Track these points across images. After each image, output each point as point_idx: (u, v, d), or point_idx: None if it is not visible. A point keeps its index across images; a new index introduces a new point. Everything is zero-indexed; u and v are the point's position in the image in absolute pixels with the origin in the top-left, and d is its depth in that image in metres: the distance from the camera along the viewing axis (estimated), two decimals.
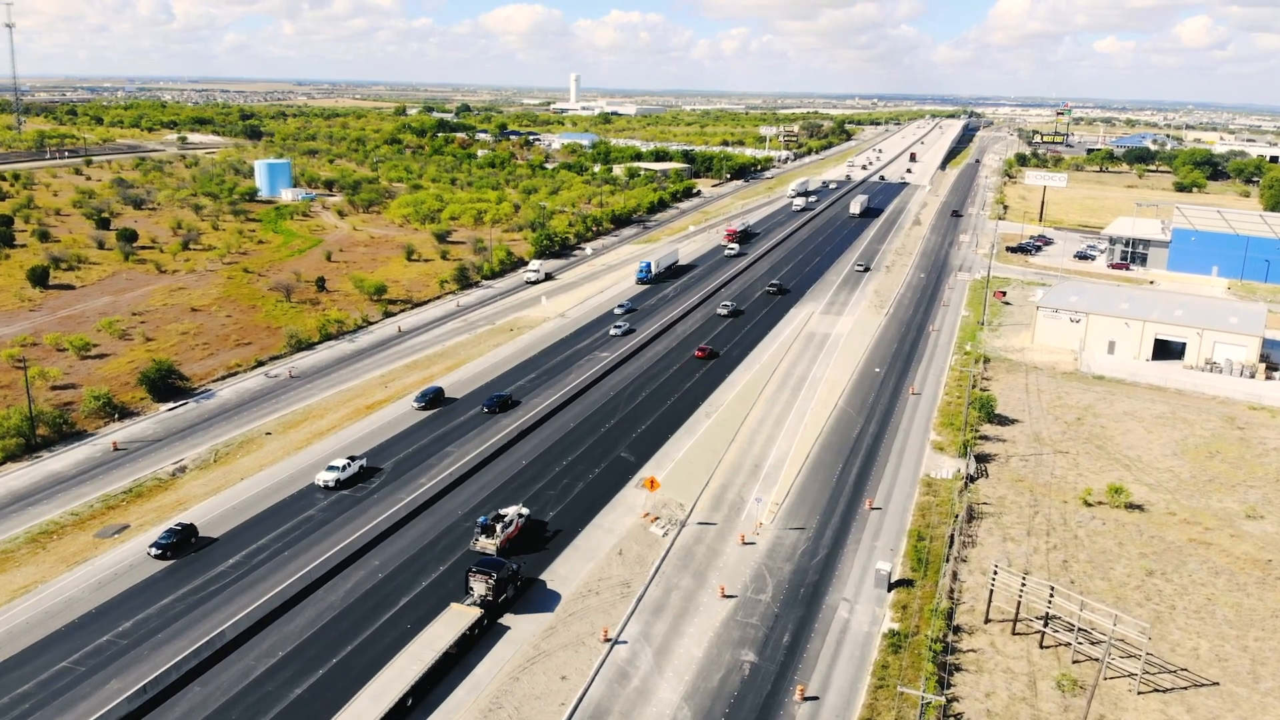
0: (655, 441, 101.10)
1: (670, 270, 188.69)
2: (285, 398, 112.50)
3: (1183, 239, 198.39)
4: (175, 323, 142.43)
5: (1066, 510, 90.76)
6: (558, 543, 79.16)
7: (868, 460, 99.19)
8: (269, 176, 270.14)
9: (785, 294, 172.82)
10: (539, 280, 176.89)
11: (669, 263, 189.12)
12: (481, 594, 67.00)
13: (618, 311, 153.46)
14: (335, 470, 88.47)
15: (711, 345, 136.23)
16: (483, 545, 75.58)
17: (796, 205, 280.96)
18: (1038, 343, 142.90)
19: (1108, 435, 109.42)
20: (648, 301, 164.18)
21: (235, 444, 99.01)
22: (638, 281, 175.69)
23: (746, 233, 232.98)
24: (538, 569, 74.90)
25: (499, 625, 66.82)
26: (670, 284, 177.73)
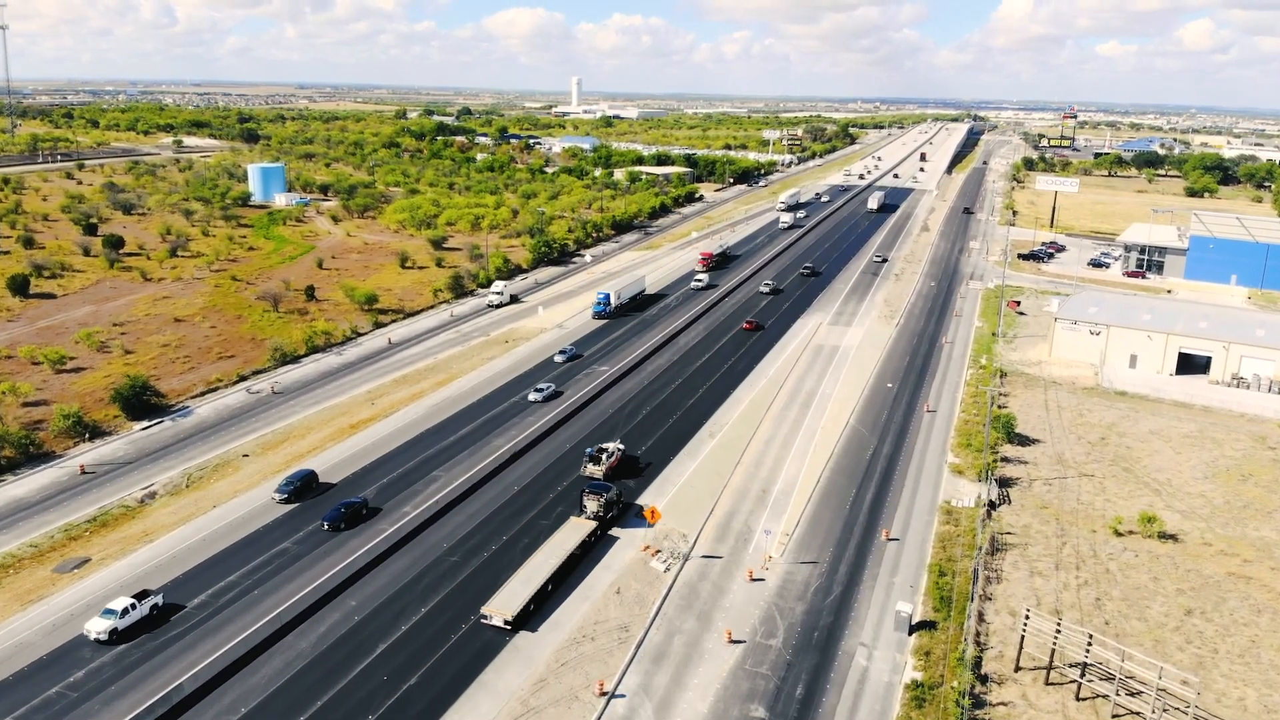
0: (656, 464, 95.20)
1: (636, 301, 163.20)
2: (266, 416, 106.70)
3: (1201, 246, 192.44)
4: (157, 334, 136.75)
5: (1096, 540, 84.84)
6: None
7: (882, 485, 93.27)
8: (263, 181, 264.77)
9: (761, 330, 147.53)
10: (502, 304, 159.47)
11: (634, 292, 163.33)
12: (594, 510, 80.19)
13: (558, 359, 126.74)
14: (111, 616, 65.31)
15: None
16: (591, 471, 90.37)
17: (784, 222, 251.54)
18: (1056, 355, 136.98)
19: (1134, 457, 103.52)
20: (595, 346, 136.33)
21: (210, 467, 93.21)
22: (594, 316, 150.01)
23: (726, 255, 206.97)
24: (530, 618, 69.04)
25: (609, 535, 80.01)
26: (634, 318, 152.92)
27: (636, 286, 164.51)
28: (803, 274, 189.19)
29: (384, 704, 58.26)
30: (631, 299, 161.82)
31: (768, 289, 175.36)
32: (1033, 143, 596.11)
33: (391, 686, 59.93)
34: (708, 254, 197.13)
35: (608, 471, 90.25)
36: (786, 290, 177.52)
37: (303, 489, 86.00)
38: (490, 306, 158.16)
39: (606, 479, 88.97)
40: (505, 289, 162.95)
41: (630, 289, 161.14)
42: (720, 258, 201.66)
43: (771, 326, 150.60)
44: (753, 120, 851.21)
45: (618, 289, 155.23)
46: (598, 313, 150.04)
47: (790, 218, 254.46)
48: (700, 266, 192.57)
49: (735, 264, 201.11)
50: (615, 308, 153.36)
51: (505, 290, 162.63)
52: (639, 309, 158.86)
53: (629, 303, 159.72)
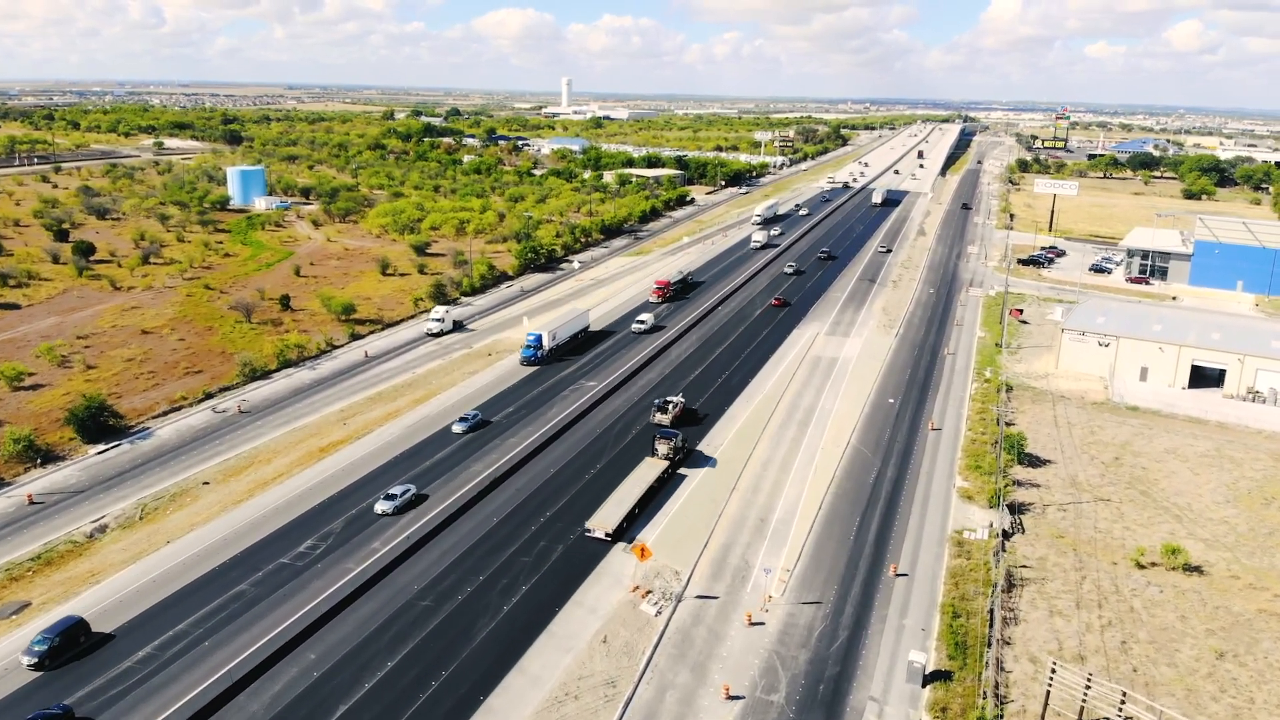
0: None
1: (578, 339, 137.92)
2: (231, 438, 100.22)
3: (1205, 252, 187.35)
4: (122, 348, 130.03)
5: (1117, 574, 79.16)
6: (528, 629, 67.19)
7: (888, 512, 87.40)
8: (242, 184, 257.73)
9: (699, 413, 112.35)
10: (443, 332, 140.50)
11: (575, 329, 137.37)
12: (665, 453, 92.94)
13: (457, 429, 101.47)
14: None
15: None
16: (659, 420, 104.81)
17: (757, 241, 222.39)
18: (1063, 368, 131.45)
19: (1151, 479, 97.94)
20: (513, 404, 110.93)
21: (167, 496, 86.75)
22: (522, 361, 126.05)
23: (686, 281, 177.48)
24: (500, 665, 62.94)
25: (678, 474, 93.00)
26: (571, 363, 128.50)
27: (577, 323, 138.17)
28: (772, 306, 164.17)
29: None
30: (572, 338, 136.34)
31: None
32: (1025, 144, 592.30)
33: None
34: (663, 282, 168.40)
35: (673, 420, 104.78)
36: (746, 332, 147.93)
37: (61, 647, 62.82)
38: (429, 335, 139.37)
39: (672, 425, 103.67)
40: (447, 315, 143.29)
41: (569, 326, 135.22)
42: (680, 285, 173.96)
43: (732, 379, 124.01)
44: (743, 121, 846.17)
45: (552, 327, 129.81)
46: (526, 358, 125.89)
47: (764, 236, 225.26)
48: (654, 298, 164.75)
49: (698, 292, 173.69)
50: (551, 350, 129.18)
51: (447, 316, 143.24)
52: (579, 350, 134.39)
53: (568, 342, 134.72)
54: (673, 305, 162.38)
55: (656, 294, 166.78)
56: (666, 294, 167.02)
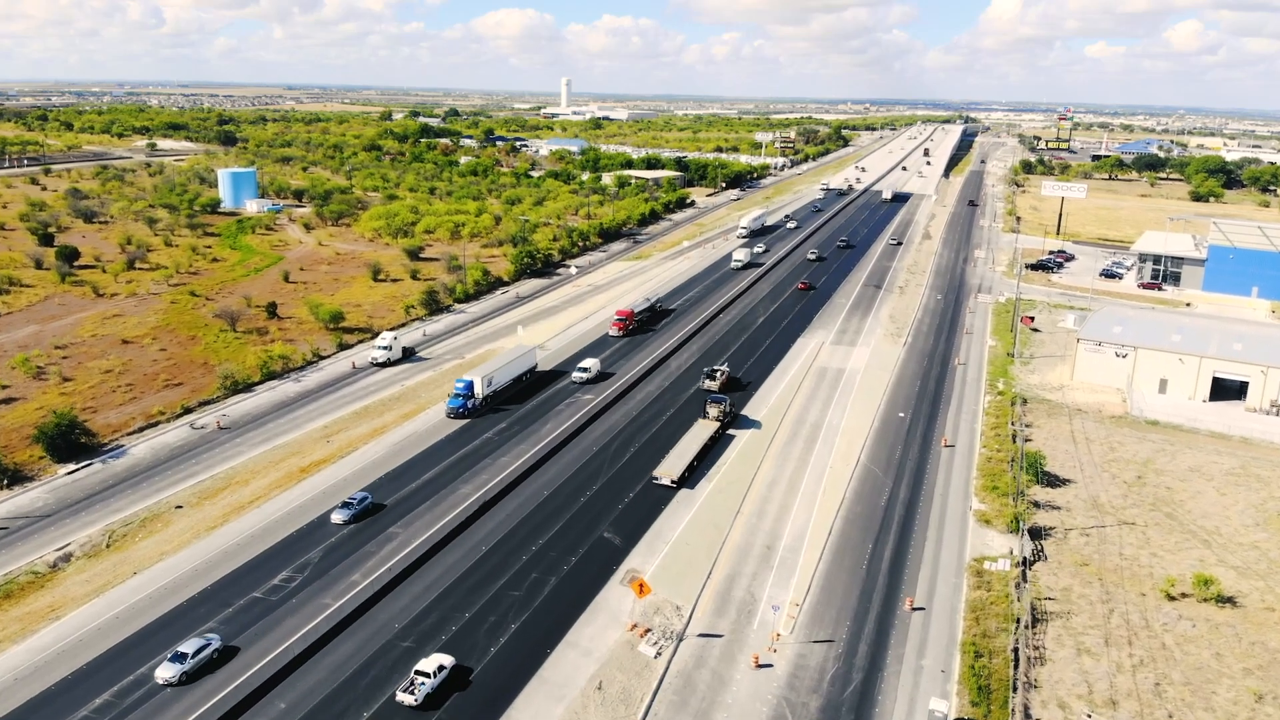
0: (646, 513, 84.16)
1: (522, 382, 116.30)
2: (208, 457, 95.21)
3: (1220, 257, 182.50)
4: (100, 358, 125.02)
5: (1146, 606, 74.29)
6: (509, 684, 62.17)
7: (901, 538, 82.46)
8: (233, 186, 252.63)
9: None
10: (390, 361, 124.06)
11: (517, 373, 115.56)
12: (715, 415, 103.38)
13: (337, 518, 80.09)
14: None
15: None
16: (708, 386, 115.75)
17: (737, 261, 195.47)
18: (1078, 379, 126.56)
19: (1176, 500, 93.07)
20: (416, 481, 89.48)
21: (137, 522, 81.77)
22: (449, 414, 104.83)
23: (655, 309, 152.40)
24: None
25: (727, 434, 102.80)
26: (508, 413, 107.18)
27: (520, 364, 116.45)
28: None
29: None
30: (516, 380, 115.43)
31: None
32: (1028, 145, 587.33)
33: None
34: (625, 314, 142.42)
35: (721, 386, 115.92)
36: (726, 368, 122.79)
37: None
38: (374, 364, 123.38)
39: (721, 391, 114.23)
40: (395, 342, 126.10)
41: (510, 368, 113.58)
42: (648, 313, 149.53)
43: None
44: (743, 122, 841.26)
45: (487, 372, 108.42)
46: (454, 409, 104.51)
47: (746, 254, 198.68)
48: (614, 332, 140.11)
49: (668, 323, 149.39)
50: (486, 398, 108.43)
51: (395, 344, 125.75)
52: (524, 395, 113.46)
53: (510, 386, 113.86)
54: (635, 341, 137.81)
55: (617, 327, 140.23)
56: (629, 327, 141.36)
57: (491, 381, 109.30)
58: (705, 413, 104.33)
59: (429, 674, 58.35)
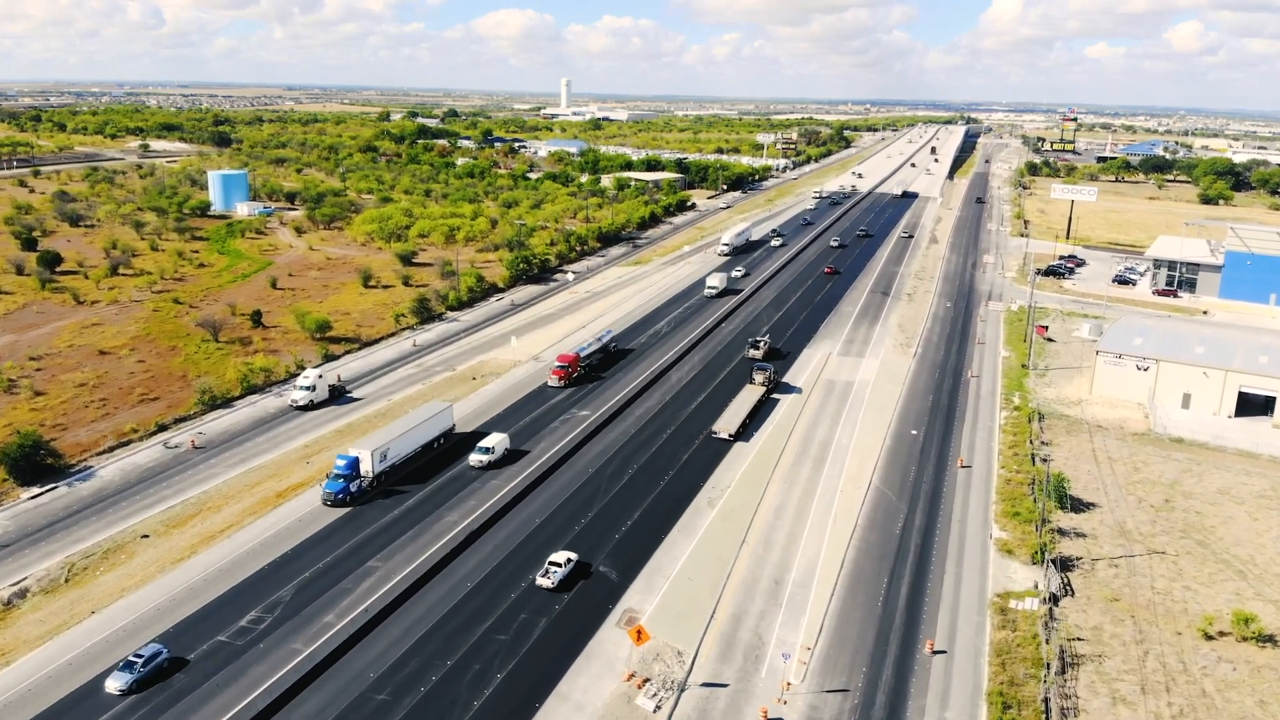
0: (644, 545, 78.62)
1: (433, 450, 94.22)
2: (181, 479, 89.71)
3: (1237, 263, 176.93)
4: (76, 370, 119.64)
5: (1183, 647, 68.85)
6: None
7: (918, 571, 76.98)
8: (223, 188, 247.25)
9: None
10: (312, 404, 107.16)
11: (424, 440, 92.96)
12: (760, 381, 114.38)
13: (114, 688, 58.57)
14: None
15: None
16: (752, 355, 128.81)
17: (712, 288, 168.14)
18: (1097, 393, 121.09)
19: (1206, 525, 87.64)
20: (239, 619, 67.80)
21: (99, 553, 76.29)
22: (325, 500, 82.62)
23: (608, 350, 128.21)
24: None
25: (772, 399, 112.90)
26: (402, 498, 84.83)
27: (428, 430, 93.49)
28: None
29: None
30: (426, 447, 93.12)
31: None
32: (1032, 146, 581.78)
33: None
34: (568, 358, 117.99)
35: (764, 354, 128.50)
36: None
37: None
38: (293, 407, 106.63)
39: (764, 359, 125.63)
40: (319, 380, 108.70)
41: (411, 437, 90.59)
42: (599, 355, 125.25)
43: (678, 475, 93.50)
44: (744, 123, 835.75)
45: (380, 444, 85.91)
46: (333, 495, 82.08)
47: (721, 280, 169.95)
48: (554, 381, 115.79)
49: (623, 366, 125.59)
50: (378, 477, 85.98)
51: (319, 383, 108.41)
52: (430, 470, 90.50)
53: (418, 455, 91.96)
54: (577, 393, 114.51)
55: (557, 375, 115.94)
56: (572, 374, 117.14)
57: (386, 455, 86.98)
58: (751, 379, 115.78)
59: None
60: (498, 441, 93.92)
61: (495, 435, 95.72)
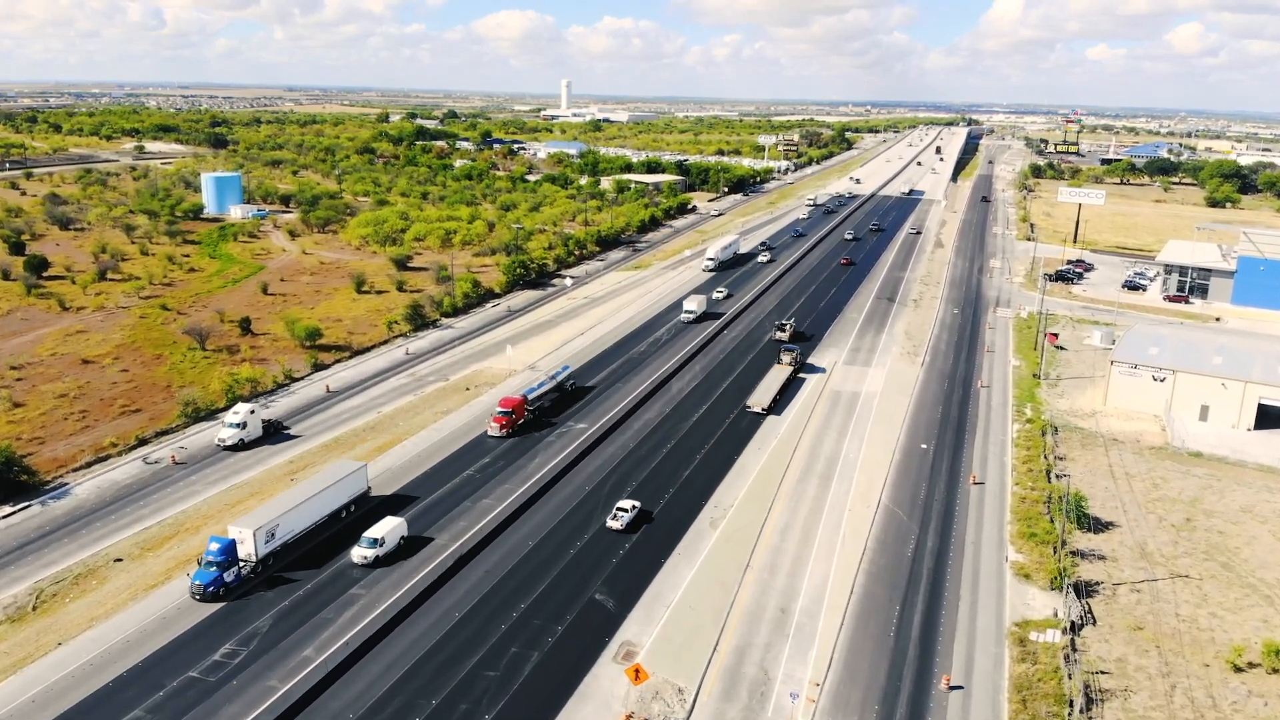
0: (643, 571, 74.76)
1: (342, 519, 79.85)
2: (159, 497, 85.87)
3: (1250, 268, 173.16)
4: (57, 380, 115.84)
5: (1211, 680, 65.10)
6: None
7: (932, 598, 73.15)
8: (216, 191, 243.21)
9: None
10: (243, 443, 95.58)
11: (330, 510, 78.91)
12: (788, 361, 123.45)
13: None
14: None
15: None
16: (779, 337, 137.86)
17: (689, 312, 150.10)
18: (1111, 404, 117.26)
19: (1230, 546, 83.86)
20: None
21: (70, 578, 72.46)
22: (194, 591, 68.16)
23: (564, 390, 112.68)
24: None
25: (799, 378, 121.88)
26: (293, 587, 70.43)
27: (333, 497, 79.04)
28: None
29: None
30: (333, 516, 79.19)
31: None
32: (1035, 148, 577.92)
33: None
34: (513, 402, 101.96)
35: (790, 336, 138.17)
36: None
37: None
38: (220, 447, 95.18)
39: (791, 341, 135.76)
40: (251, 416, 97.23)
41: (309, 509, 76.46)
42: (554, 394, 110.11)
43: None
44: (745, 124, 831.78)
45: (267, 521, 71.98)
46: (203, 586, 67.83)
47: (699, 304, 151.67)
48: (494, 429, 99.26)
49: (581, 408, 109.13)
50: (263, 561, 71.87)
51: (251, 418, 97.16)
52: (327, 553, 74.81)
53: (323, 525, 78.05)
54: (519, 446, 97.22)
55: (498, 422, 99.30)
56: (516, 421, 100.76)
57: (275, 532, 72.58)
58: (779, 359, 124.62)
59: None
60: (389, 530, 74.84)
61: (387, 522, 75.94)
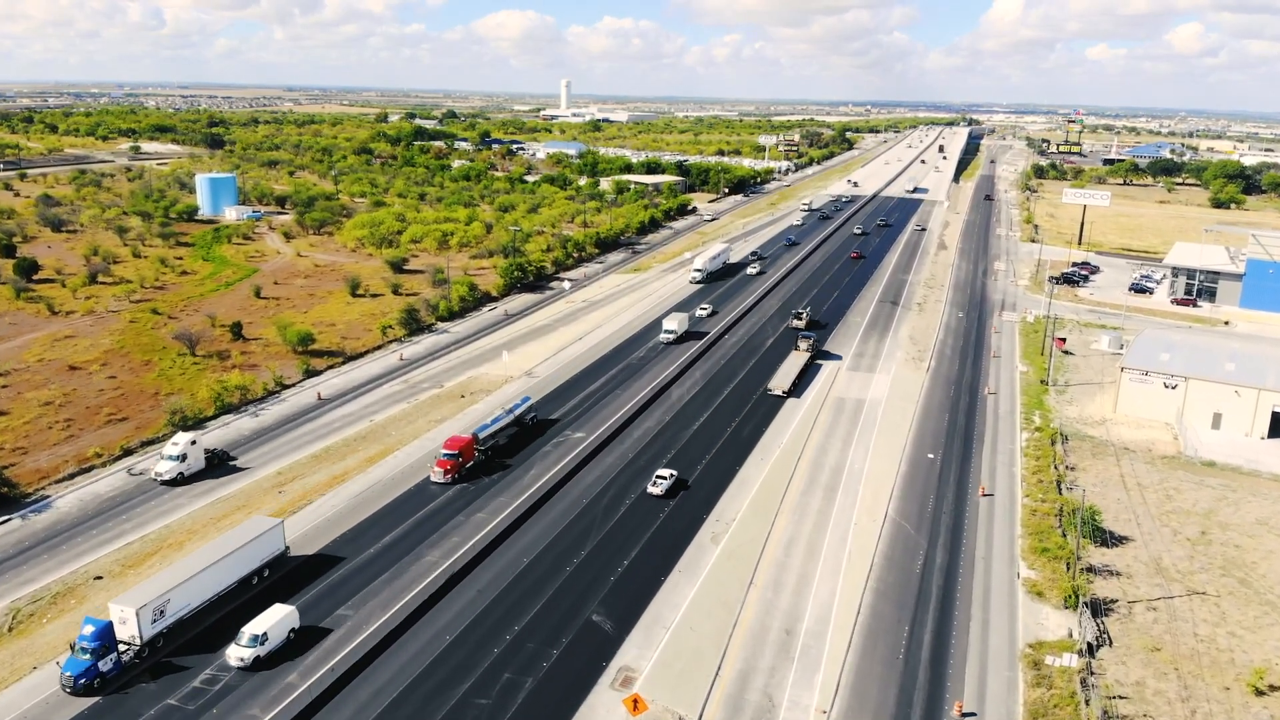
0: (641, 589, 72.06)
1: (256, 584, 69.34)
2: (143, 511, 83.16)
3: (1259, 271, 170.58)
4: (43, 387, 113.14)
5: (1232, 704, 62.58)
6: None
7: (942, 617, 70.48)
8: (211, 192, 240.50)
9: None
10: (182, 476, 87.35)
11: (235, 579, 67.68)
12: (805, 348, 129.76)
13: None
14: None
15: None
16: (796, 325, 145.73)
17: (668, 333, 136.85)
18: (1122, 412, 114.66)
19: (1247, 561, 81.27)
20: None
21: (48, 597, 69.79)
22: (65, 686, 57.89)
23: (522, 424, 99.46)
24: None
25: (815, 364, 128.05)
26: (177, 681, 59.12)
27: (236, 565, 67.51)
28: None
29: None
30: (244, 583, 68.39)
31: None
32: (1037, 148, 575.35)
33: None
34: (460, 443, 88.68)
35: (807, 324, 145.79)
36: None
37: None
38: (157, 482, 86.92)
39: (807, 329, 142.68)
40: (192, 447, 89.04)
41: (207, 580, 65.17)
42: (513, 428, 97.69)
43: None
44: (745, 124, 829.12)
45: (158, 596, 61.61)
46: (72, 680, 57.82)
47: (679, 324, 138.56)
48: (438, 475, 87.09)
49: (539, 449, 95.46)
50: (153, 641, 61.46)
51: (191, 450, 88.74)
52: (226, 632, 63.04)
53: (226, 596, 66.98)
54: (466, 493, 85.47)
55: (443, 466, 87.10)
56: (464, 465, 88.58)
57: (165, 610, 61.76)
58: (796, 345, 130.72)
59: None
60: (275, 623, 61.26)
61: (274, 612, 62.39)
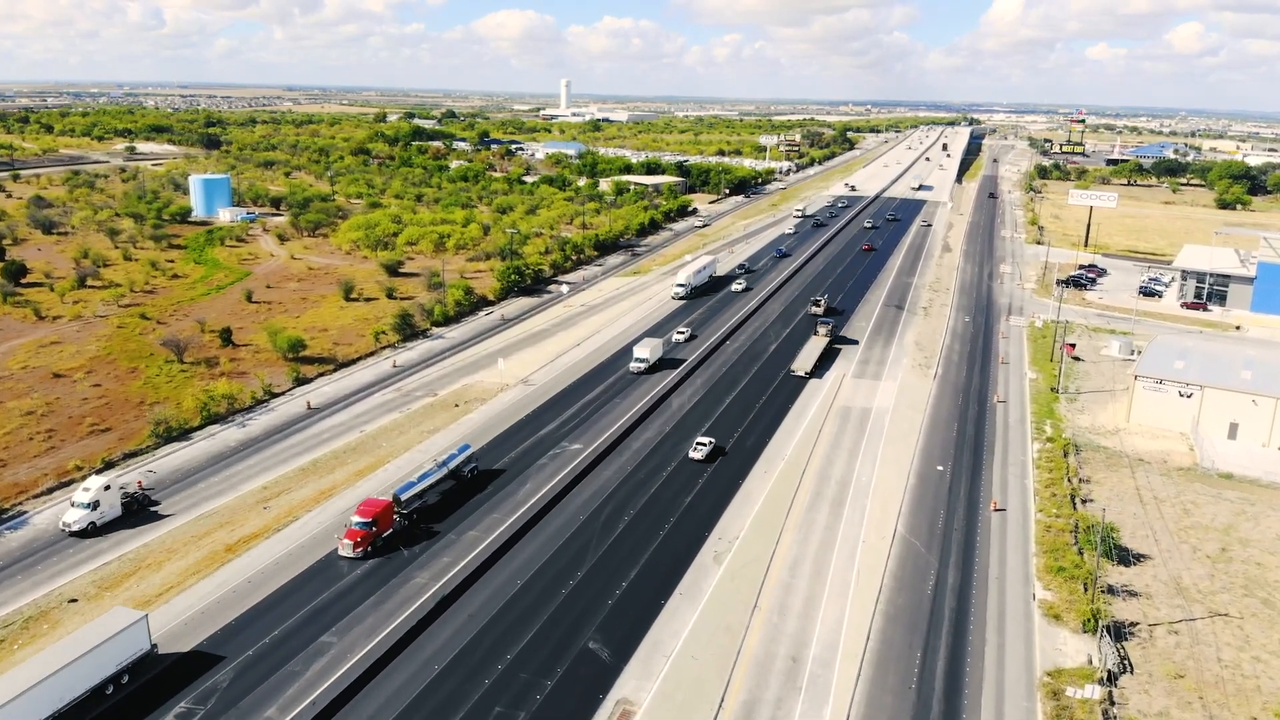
0: (640, 614, 68.81)
1: (111, 695, 57.37)
2: (120, 529, 79.82)
3: (1270, 275, 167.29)
4: (25, 396, 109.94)
5: None
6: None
7: (955, 642, 67.25)
8: (205, 193, 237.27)
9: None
10: (94, 526, 77.65)
11: (86, 687, 56.20)
12: (824, 333, 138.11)
13: None
14: None
15: None
16: (815, 311, 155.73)
17: (640, 361, 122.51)
18: (1134, 421, 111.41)
19: (1270, 580, 78.17)
20: None
21: (19, 622, 66.55)
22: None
23: (459, 478, 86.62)
24: None
25: (833, 348, 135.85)
26: None
27: (98, 665, 56.91)
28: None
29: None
30: (95, 694, 57.01)
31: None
32: (1039, 148, 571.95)
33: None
34: (375, 508, 75.58)
35: (825, 310, 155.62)
36: None
37: None
38: (65, 532, 77.16)
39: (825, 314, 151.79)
40: (105, 493, 79.21)
41: (49, 691, 54.51)
42: (448, 483, 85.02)
43: None
44: (745, 124, 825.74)
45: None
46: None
47: (652, 350, 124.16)
48: (347, 546, 73.64)
49: (475, 509, 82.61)
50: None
51: (104, 495, 78.96)
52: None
53: (86, 702, 56.62)
54: (383, 567, 72.60)
55: (352, 538, 73.68)
56: (379, 535, 75.12)
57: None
58: (815, 330, 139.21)
59: None
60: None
61: None
